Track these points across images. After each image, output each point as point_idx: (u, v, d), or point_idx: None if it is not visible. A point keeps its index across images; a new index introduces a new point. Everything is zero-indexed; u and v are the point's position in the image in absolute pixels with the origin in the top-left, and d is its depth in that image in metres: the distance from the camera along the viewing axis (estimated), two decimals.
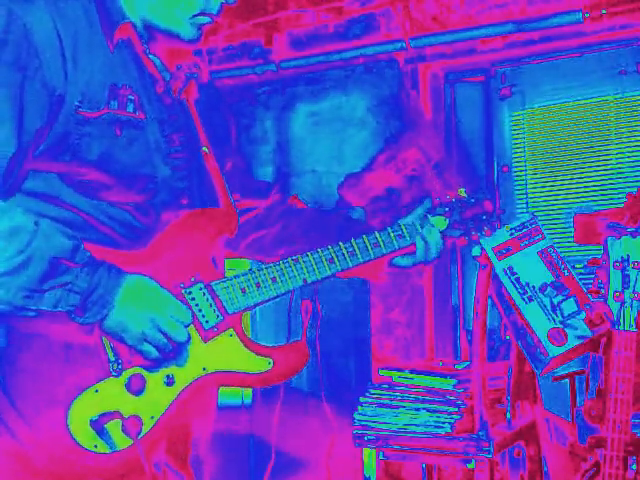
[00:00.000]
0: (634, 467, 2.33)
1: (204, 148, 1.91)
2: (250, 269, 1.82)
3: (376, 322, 4.34)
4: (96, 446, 1.60)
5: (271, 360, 1.80)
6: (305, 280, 1.88)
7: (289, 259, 1.87)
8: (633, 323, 2.22)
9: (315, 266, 1.89)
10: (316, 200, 4.40)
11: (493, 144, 4.36)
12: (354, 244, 1.95)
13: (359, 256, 1.96)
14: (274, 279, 1.84)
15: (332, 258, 1.91)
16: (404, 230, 2.04)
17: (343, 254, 1.93)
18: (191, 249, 1.77)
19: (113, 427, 1.62)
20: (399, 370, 2.96)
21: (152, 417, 1.66)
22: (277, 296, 1.85)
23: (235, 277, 1.80)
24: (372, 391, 2.93)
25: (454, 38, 4.11)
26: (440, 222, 2.09)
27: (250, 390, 4.10)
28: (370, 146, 4.42)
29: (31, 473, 1.59)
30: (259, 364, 1.79)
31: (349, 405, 2.99)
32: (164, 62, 1.86)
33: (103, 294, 1.61)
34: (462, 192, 2.14)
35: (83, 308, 1.60)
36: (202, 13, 1.78)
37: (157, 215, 1.77)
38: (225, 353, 1.76)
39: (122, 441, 1.63)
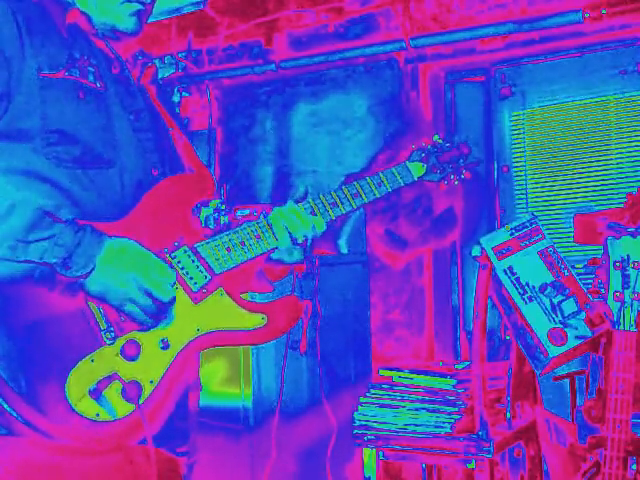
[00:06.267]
0: (634, 467, 2.33)
1: (170, 128, 1.93)
2: (233, 229, 1.82)
3: (376, 322, 4.34)
4: (98, 414, 1.60)
5: (265, 316, 1.79)
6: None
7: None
8: (633, 323, 2.22)
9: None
10: None
11: (493, 144, 4.36)
12: (334, 194, 1.94)
13: (343, 205, 1.93)
14: (258, 237, 1.83)
15: (313, 210, 1.90)
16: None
17: (324, 205, 1.92)
18: (171, 214, 1.77)
19: (113, 394, 1.62)
20: (399, 370, 2.96)
21: (151, 381, 1.66)
22: (262, 253, 1.84)
23: (219, 237, 1.80)
24: (372, 391, 2.93)
25: (454, 38, 4.11)
26: (418, 168, 2.05)
27: (250, 391, 4.10)
28: (370, 146, 4.42)
29: (48, 451, 1.60)
30: (253, 320, 1.79)
31: (349, 405, 2.99)
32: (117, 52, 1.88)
33: (87, 250, 1.62)
34: (437, 138, 2.11)
35: (69, 261, 1.61)
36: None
37: (131, 181, 1.78)
38: (217, 312, 1.76)
39: (123, 407, 1.63)
